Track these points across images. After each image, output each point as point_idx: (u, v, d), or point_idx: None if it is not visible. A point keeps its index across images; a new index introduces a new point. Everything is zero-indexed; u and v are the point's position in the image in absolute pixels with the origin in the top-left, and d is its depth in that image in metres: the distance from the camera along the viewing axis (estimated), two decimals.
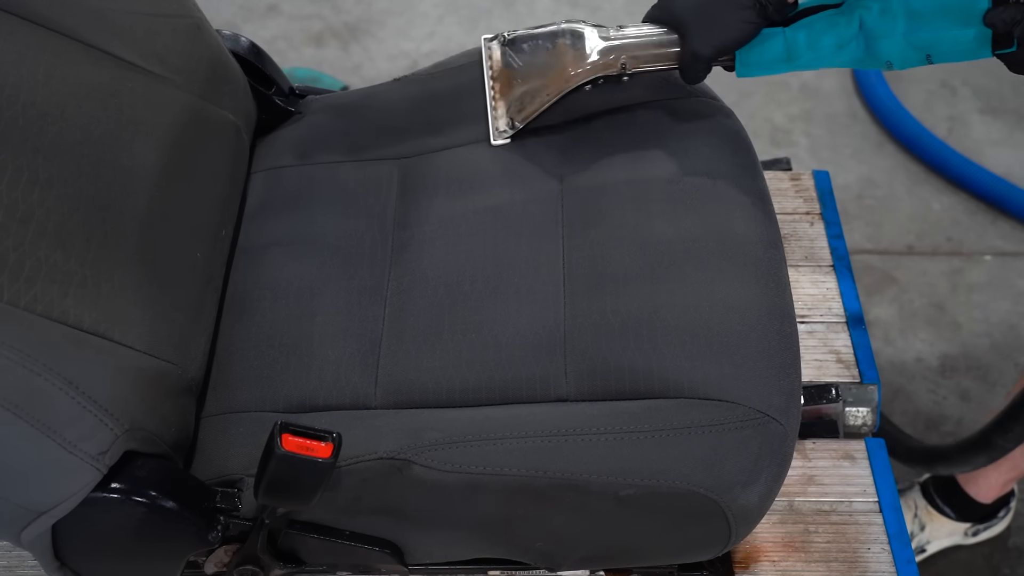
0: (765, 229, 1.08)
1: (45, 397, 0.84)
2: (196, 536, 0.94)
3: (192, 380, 1.01)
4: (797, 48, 1.05)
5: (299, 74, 2.17)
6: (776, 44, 1.06)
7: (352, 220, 1.14)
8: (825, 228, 1.54)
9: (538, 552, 1.03)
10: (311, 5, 2.43)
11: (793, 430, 0.98)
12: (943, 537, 1.62)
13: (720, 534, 0.98)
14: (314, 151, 1.23)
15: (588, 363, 0.99)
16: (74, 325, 0.89)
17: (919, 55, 1.02)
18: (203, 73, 1.16)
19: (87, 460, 0.86)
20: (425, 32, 2.40)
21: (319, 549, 1.02)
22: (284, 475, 0.87)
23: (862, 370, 1.39)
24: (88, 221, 0.95)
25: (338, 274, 1.10)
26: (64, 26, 1.03)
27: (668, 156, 1.12)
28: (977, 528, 1.63)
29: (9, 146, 0.91)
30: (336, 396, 1.02)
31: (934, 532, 1.62)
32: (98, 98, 1.02)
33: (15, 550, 1.22)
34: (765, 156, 1.54)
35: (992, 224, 2.05)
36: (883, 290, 1.96)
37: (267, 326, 1.07)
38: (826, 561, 1.22)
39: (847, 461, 1.30)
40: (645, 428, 0.94)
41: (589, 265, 1.05)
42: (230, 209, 1.16)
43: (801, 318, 1.42)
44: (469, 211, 1.12)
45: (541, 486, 0.94)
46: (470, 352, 1.01)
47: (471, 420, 0.97)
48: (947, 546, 1.63)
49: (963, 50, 1.00)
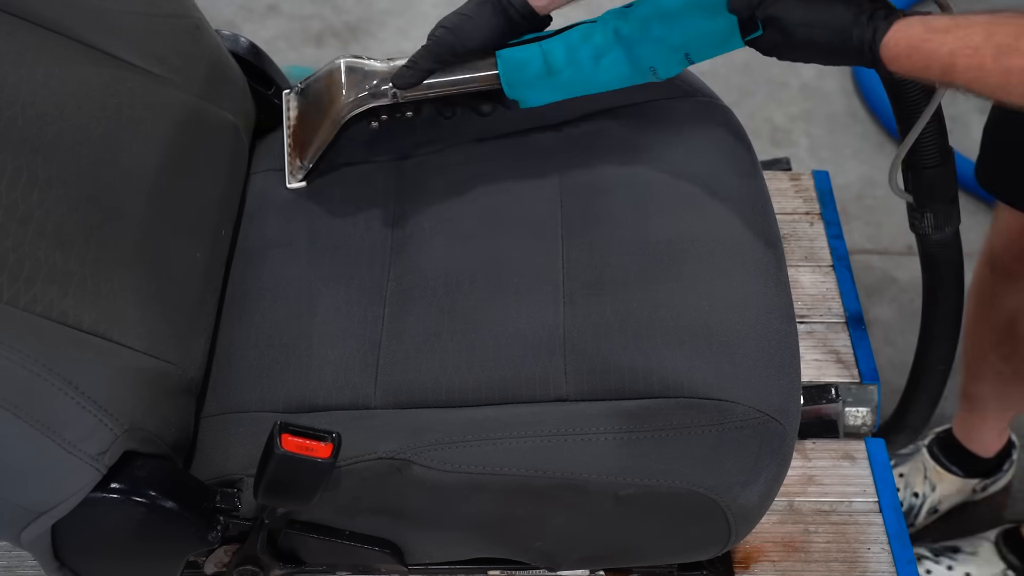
0: (765, 229, 1.08)
1: (45, 397, 0.84)
2: (196, 536, 0.94)
3: (192, 380, 1.01)
4: (556, 62, 1.04)
5: (296, 73, 2.16)
6: (534, 59, 1.05)
7: (352, 220, 1.14)
8: (825, 228, 1.54)
9: (538, 552, 1.03)
10: (311, 5, 2.43)
11: (793, 430, 0.98)
12: (953, 495, 1.65)
13: (720, 534, 0.98)
14: None
15: (588, 363, 0.99)
16: (74, 325, 0.89)
17: (678, 56, 1.01)
18: (202, 73, 1.16)
19: (86, 460, 0.86)
20: (425, 32, 2.38)
21: (319, 549, 1.02)
22: (284, 475, 0.87)
23: (862, 370, 1.39)
24: (87, 221, 0.95)
25: (337, 274, 1.10)
26: (64, 26, 1.03)
27: (668, 156, 1.12)
28: (985, 483, 1.65)
29: (8, 146, 0.91)
30: (336, 396, 1.02)
31: (944, 490, 1.64)
32: (97, 98, 1.02)
33: (15, 550, 1.22)
34: (765, 156, 1.54)
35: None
36: (883, 290, 1.95)
37: (267, 326, 1.07)
38: (826, 561, 1.23)
39: (847, 461, 1.30)
40: (645, 428, 0.94)
41: (588, 265, 1.05)
42: (229, 209, 1.16)
43: (801, 318, 1.42)
44: (468, 211, 1.12)
45: (541, 486, 0.94)
46: (470, 352, 1.01)
47: (471, 420, 0.97)
48: (957, 503, 1.66)
49: (716, 42, 0.99)
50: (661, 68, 1.03)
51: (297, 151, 1.19)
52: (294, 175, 1.18)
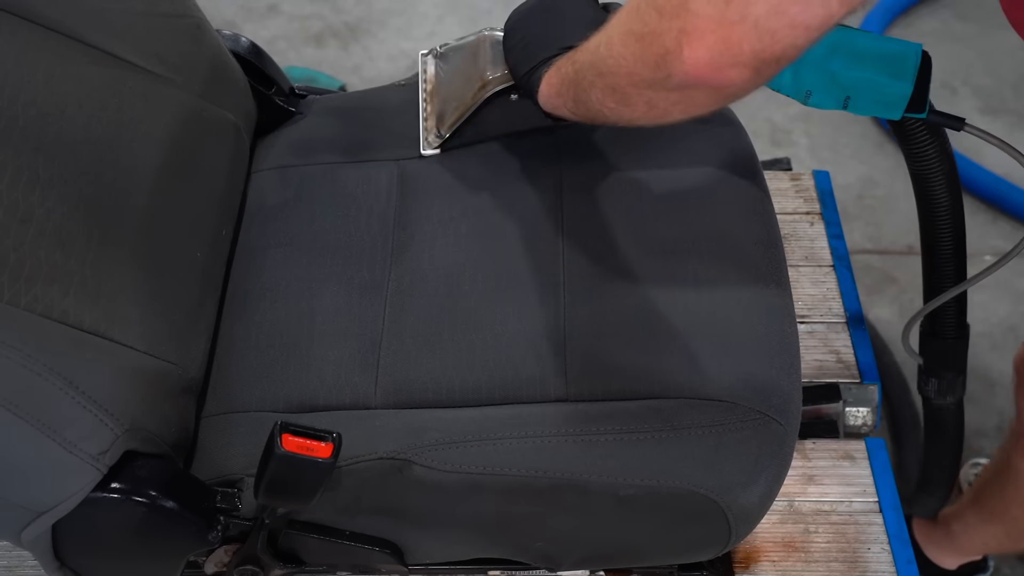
0: (765, 229, 1.08)
1: (45, 397, 0.84)
2: (196, 536, 0.94)
3: (192, 380, 1.01)
4: None
5: (295, 73, 2.16)
6: None
7: (352, 220, 1.14)
8: (825, 228, 1.54)
9: (538, 552, 1.03)
10: (311, 5, 2.43)
11: (793, 430, 0.98)
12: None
13: (720, 534, 0.98)
14: (314, 151, 1.23)
15: (588, 363, 0.99)
16: (74, 325, 0.89)
17: (839, 96, 1.00)
18: (203, 73, 1.16)
19: (87, 460, 0.86)
20: (425, 32, 2.39)
21: (319, 549, 1.02)
22: (284, 475, 0.87)
23: (862, 370, 1.39)
24: (88, 221, 0.95)
25: (338, 274, 1.10)
26: (65, 26, 1.03)
27: (668, 156, 1.12)
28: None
29: (9, 146, 0.91)
30: (336, 396, 1.02)
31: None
32: (98, 98, 1.02)
33: (15, 550, 1.22)
34: (765, 156, 1.54)
35: (992, 224, 2.05)
36: (883, 290, 1.95)
37: (267, 326, 1.07)
38: (826, 561, 1.23)
39: (847, 461, 1.30)
40: (645, 428, 0.94)
41: (589, 265, 1.05)
42: (230, 209, 1.16)
43: (801, 318, 1.42)
44: (469, 211, 1.12)
45: (541, 486, 0.94)
46: (470, 352, 1.01)
47: (471, 420, 0.97)
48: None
49: (880, 102, 0.99)
50: (816, 97, 1.00)
51: (434, 117, 1.18)
52: (430, 143, 1.18)
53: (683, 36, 0.73)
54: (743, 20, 0.70)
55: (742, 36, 0.70)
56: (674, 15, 0.73)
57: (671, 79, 0.76)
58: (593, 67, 0.86)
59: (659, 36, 0.75)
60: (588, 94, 0.88)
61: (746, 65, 0.72)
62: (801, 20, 0.69)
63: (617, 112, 0.86)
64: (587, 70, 0.87)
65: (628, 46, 0.79)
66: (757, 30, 0.70)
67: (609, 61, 0.82)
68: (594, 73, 0.86)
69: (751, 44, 0.71)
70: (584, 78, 0.88)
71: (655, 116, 0.83)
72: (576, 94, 0.90)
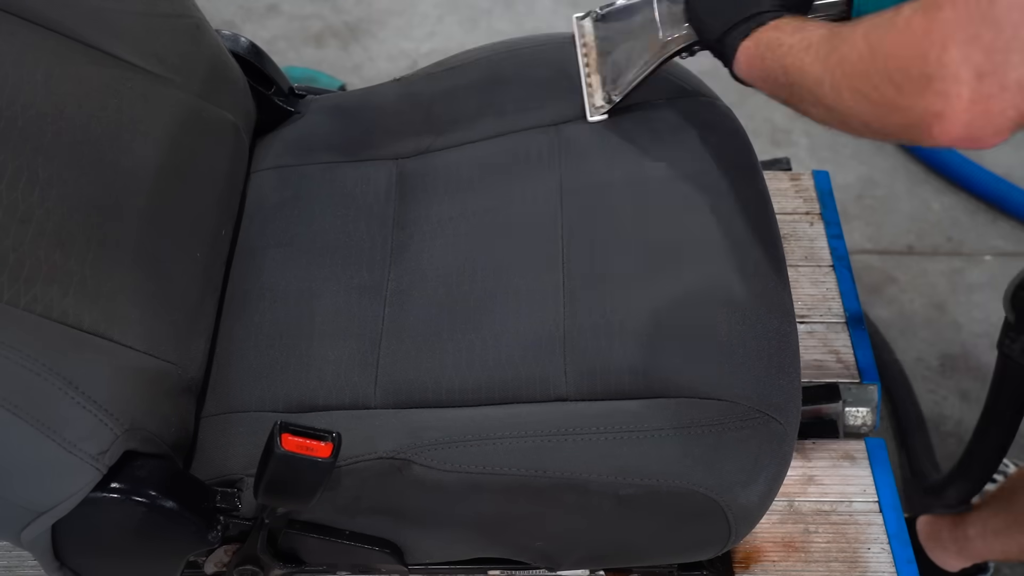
0: (765, 229, 1.08)
1: (45, 397, 0.84)
2: (196, 536, 0.94)
3: (192, 380, 1.01)
4: None
5: (295, 73, 2.16)
6: None
7: (352, 220, 1.14)
8: (825, 228, 1.54)
9: (538, 552, 1.03)
10: (311, 5, 2.43)
11: (793, 430, 0.98)
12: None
13: (720, 534, 0.98)
14: (314, 151, 1.23)
15: (588, 363, 0.99)
16: (74, 325, 0.89)
17: None
18: (203, 73, 1.16)
19: (87, 460, 0.86)
20: (425, 32, 2.39)
21: (319, 549, 1.02)
22: (284, 475, 0.87)
23: (862, 370, 1.39)
24: (88, 221, 0.95)
25: (338, 274, 1.10)
26: (64, 26, 1.03)
27: (668, 156, 1.12)
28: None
29: (9, 146, 0.91)
30: (336, 396, 1.02)
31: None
32: (98, 98, 1.02)
33: (15, 550, 1.22)
34: (765, 156, 1.54)
35: (992, 224, 2.05)
36: (883, 290, 1.95)
37: (267, 326, 1.07)
38: (826, 561, 1.23)
39: (847, 461, 1.30)
40: (645, 428, 0.94)
41: (588, 265, 1.05)
42: (230, 209, 1.16)
43: (801, 318, 1.42)
44: (468, 211, 1.12)
45: (541, 486, 0.94)
46: (470, 352, 1.01)
47: (471, 420, 0.97)
48: None
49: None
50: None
51: (599, 82, 1.13)
52: (597, 108, 1.14)
53: (932, 117, 0.70)
54: (1004, 90, 0.68)
55: (1004, 106, 0.68)
56: (917, 94, 0.70)
57: (915, 142, 0.74)
58: (812, 94, 0.83)
59: (901, 111, 0.72)
60: (801, 104, 0.85)
61: (1010, 129, 0.70)
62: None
63: (825, 123, 0.84)
64: (804, 92, 0.84)
65: (860, 104, 0.76)
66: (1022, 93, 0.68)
67: (839, 106, 0.79)
68: (812, 99, 0.83)
69: (1017, 109, 0.69)
70: (797, 93, 0.85)
71: (867, 135, 0.82)
72: (783, 94, 0.87)
